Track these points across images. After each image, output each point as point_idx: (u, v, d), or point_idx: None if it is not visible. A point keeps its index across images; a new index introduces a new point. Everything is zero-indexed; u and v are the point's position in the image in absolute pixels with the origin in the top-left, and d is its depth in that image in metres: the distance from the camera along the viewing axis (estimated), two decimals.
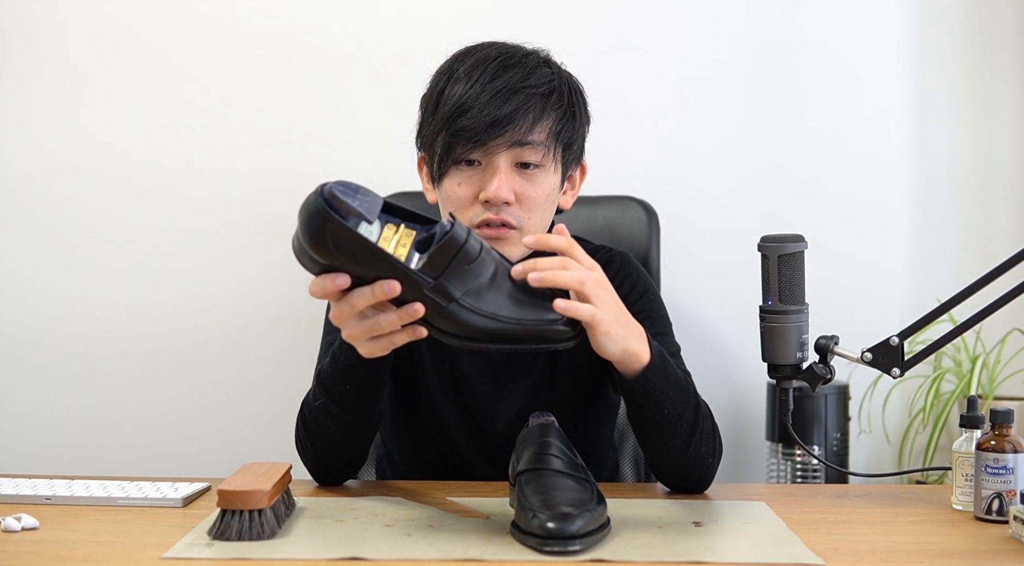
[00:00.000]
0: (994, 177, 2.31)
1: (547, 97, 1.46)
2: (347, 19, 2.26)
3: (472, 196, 1.46)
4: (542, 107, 1.45)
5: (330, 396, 1.39)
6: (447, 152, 1.46)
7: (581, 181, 1.60)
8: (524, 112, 1.43)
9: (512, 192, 1.45)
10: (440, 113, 1.46)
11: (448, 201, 1.49)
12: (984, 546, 1.21)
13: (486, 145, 1.43)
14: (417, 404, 1.59)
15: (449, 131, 1.44)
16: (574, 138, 1.51)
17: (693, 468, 1.41)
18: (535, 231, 1.48)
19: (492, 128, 1.42)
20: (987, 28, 2.30)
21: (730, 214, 2.28)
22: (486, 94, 1.43)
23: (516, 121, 1.43)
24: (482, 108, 1.42)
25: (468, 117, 1.43)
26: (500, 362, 1.58)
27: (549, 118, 1.46)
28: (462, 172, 1.47)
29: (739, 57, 2.28)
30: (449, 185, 1.48)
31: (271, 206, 2.26)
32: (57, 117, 2.26)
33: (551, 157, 1.47)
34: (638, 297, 1.58)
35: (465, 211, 1.47)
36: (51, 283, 2.27)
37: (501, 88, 1.43)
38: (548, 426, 1.30)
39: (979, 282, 1.36)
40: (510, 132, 1.43)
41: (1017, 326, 2.19)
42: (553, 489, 1.20)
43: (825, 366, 1.41)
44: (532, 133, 1.44)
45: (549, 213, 1.52)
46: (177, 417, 2.27)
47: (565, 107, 1.48)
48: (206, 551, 1.15)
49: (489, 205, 1.45)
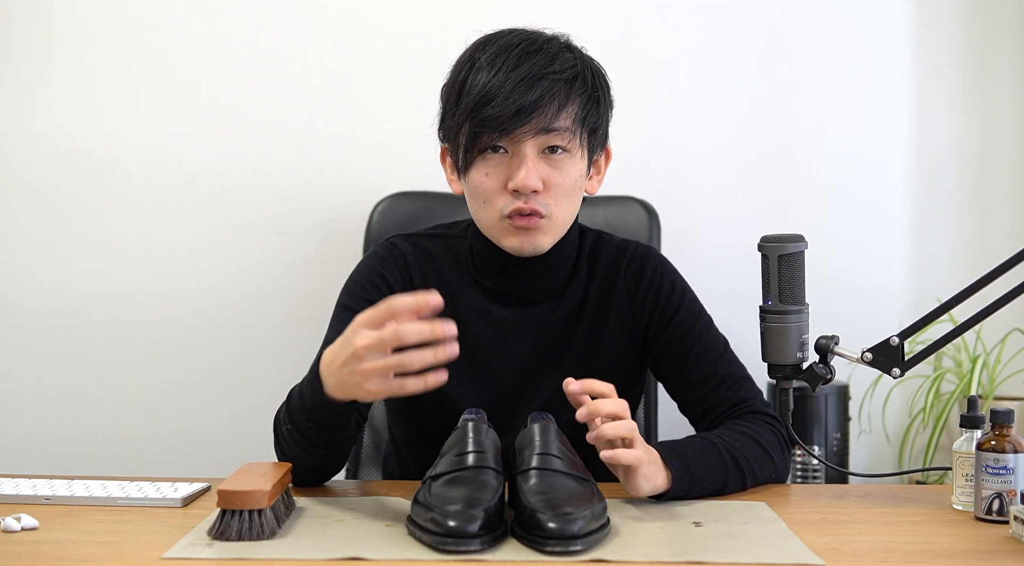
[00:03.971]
0: (994, 177, 2.31)
1: (571, 82, 1.46)
2: (348, 18, 2.26)
3: (500, 186, 1.46)
4: (567, 93, 1.45)
5: (294, 425, 1.36)
6: (473, 142, 1.45)
7: (606, 166, 1.59)
8: (549, 99, 1.43)
9: (540, 180, 1.45)
10: (464, 103, 1.45)
11: (476, 192, 1.48)
12: (984, 546, 1.21)
13: (512, 133, 1.43)
14: (431, 399, 1.57)
15: (474, 121, 1.44)
16: (599, 123, 1.51)
17: (759, 488, 1.46)
18: (563, 218, 1.49)
19: (518, 116, 1.42)
20: (987, 29, 2.30)
21: (730, 214, 2.28)
22: (510, 82, 1.42)
23: (542, 108, 1.43)
24: (507, 96, 1.42)
25: (493, 106, 1.42)
26: (528, 356, 1.56)
27: (574, 104, 1.46)
28: (488, 161, 1.46)
29: (739, 57, 2.28)
30: (476, 176, 1.48)
31: (272, 206, 2.27)
32: (58, 110, 2.26)
33: (577, 142, 1.47)
34: (679, 300, 1.58)
35: (494, 201, 1.47)
36: (51, 282, 2.27)
37: (525, 75, 1.43)
38: (548, 426, 1.30)
39: (979, 282, 1.36)
40: (536, 119, 1.43)
41: (1017, 326, 2.19)
42: (554, 489, 1.20)
43: (825, 366, 1.41)
44: (558, 119, 1.44)
45: (576, 200, 1.52)
46: (177, 417, 2.27)
47: (589, 92, 1.48)
48: (206, 551, 1.15)
49: (518, 194, 1.45)
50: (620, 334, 1.58)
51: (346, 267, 1.65)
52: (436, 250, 1.60)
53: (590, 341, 1.57)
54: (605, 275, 1.59)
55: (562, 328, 1.57)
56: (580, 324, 1.57)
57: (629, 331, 1.58)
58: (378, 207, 2.02)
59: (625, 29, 2.27)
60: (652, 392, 1.89)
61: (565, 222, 1.51)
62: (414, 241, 1.61)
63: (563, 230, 1.52)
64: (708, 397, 1.54)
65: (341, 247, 2.22)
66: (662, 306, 1.57)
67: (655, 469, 1.33)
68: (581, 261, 1.59)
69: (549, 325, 1.56)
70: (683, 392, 1.57)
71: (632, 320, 1.58)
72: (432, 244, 1.61)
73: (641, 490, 1.32)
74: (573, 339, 1.57)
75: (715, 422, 1.53)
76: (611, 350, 1.57)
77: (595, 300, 1.58)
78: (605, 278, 1.59)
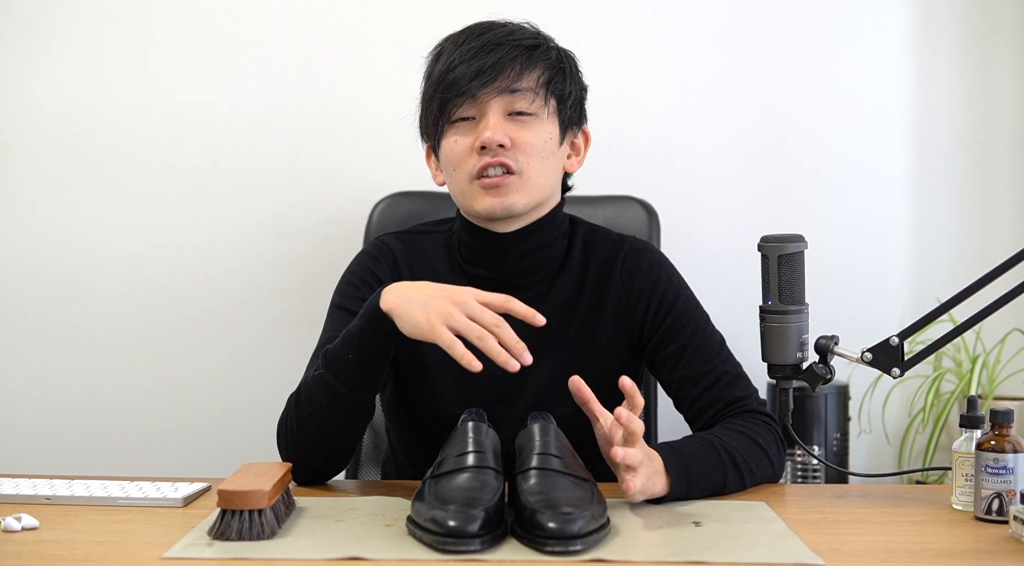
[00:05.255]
0: (994, 177, 2.31)
1: (532, 49, 1.51)
2: (348, 17, 2.26)
3: (469, 147, 1.49)
4: (528, 57, 1.50)
5: (330, 368, 1.38)
6: (441, 112, 1.50)
7: (586, 148, 1.61)
8: (510, 61, 1.48)
9: (507, 136, 1.48)
10: (432, 79, 1.52)
11: (448, 160, 1.52)
12: (984, 546, 1.21)
13: (476, 96, 1.48)
14: (421, 399, 1.58)
15: (439, 90, 1.49)
16: (566, 91, 1.54)
17: (759, 487, 1.46)
18: (536, 178, 1.51)
19: (479, 77, 1.47)
20: (987, 29, 2.30)
21: (730, 214, 2.28)
22: (471, 51, 1.48)
23: (503, 70, 1.48)
24: (468, 63, 1.47)
25: (455, 72, 1.48)
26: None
27: (536, 67, 1.50)
28: (457, 129, 1.51)
29: (739, 57, 2.28)
30: (447, 144, 1.51)
31: (272, 206, 2.26)
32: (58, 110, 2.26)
33: (543, 105, 1.51)
34: (676, 295, 1.59)
35: (464, 163, 1.50)
36: (51, 282, 2.27)
37: (485, 43, 1.49)
38: (548, 426, 1.30)
39: (979, 282, 1.36)
40: (499, 80, 1.48)
41: (1017, 326, 2.19)
42: (554, 489, 1.20)
43: (825, 366, 1.41)
44: (520, 81, 1.49)
45: (551, 163, 1.53)
46: (177, 417, 2.27)
47: (553, 61, 1.53)
48: (206, 551, 1.15)
49: (485, 151, 1.47)
50: (616, 328, 1.58)
51: (345, 267, 1.65)
52: (425, 245, 1.61)
53: (585, 334, 1.57)
54: (601, 268, 1.59)
55: (555, 319, 1.55)
56: (575, 316, 1.57)
57: (625, 325, 1.58)
58: (378, 207, 2.03)
59: (624, 28, 2.27)
60: (652, 392, 1.89)
61: (539, 183, 1.52)
62: (403, 238, 1.63)
63: (538, 192, 1.52)
64: (704, 395, 1.54)
65: (341, 247, 2.22)
66: (658, 301, 1.57)
67: (655, 478, 1.33)
68: (573, 251, 1.60)
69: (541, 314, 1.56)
70: (678, 389, 1.57)
71: (628, 314, 1.58)
72: (421, 239, 1.62)
73: (637, 498, 1.32)
74: (567, 331, 1.57)
75: (711, 420, 1.53)
76: (607, 344, 1.57)
77: (590, 292, 1.58)
78: (601, 271, 1.59)
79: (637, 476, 1.28)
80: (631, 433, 1.27)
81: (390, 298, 1.34)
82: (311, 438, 1.42)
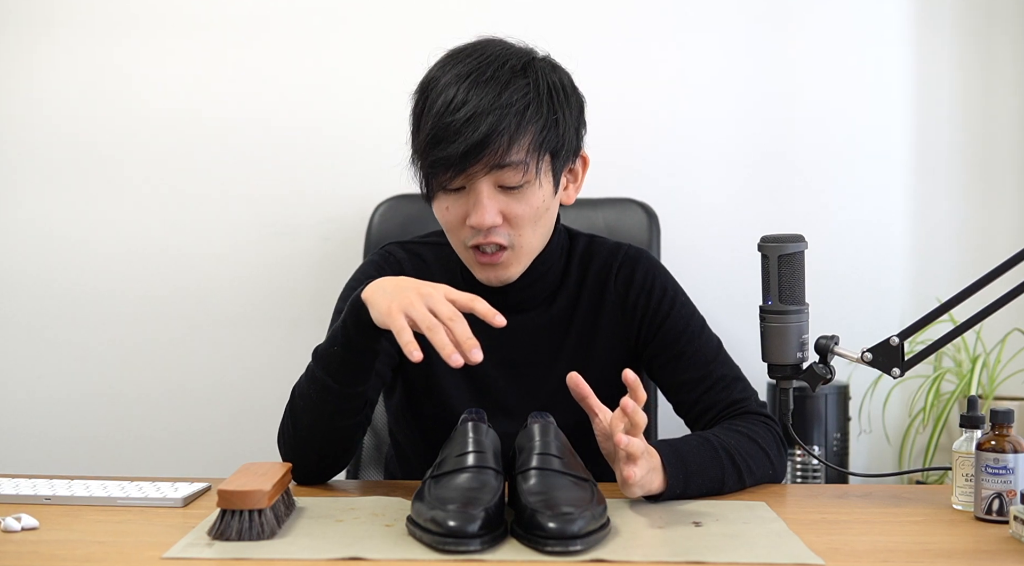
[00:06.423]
0: (994, 178, 2.32)
1: (523, 113, 1.42)
2: (351, 18, 2.26)
3: (460, 220, 1.47)
4: (518, 124, 1.41)
5: (319, 361, 1.39)
6: (428, 181, 1.47)
7: (583, 173, 1.57)
8: (498, 134, 1.40)
9: (498, 214, 1.45)
10: (419, 140, 1.46)
11: (442, 222, 1.51)
12: (984, 546, 1.21)
13: (466, 171, 1.42)
14: (429, 397, 1.58)
15: (427, 162, 1.44)
16: (561, 142, 1.47)
17: (759, 487, 1.46)
18: (530, 244, 1.49)
19: (467, 156, 1.41)
20: (987, 30, 2.30)
21: (730, 216, 2.28)
22: (458, 121, 1.40)
23: (491, 145, 1.40)
24: (454, 137, 1.40)
25: (441, 148, 1.41)
26: (521, 362, 1.57)
27: (527, 133, 1.42)
28: (448, 196, 1.47)
29: (738, 59, 2.29)
30: (438, 209, 1.50)
31: (274, 207, 2.27)
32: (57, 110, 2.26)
33: (534, 171, 1.45)
34: (671, 302, 1.58)
35: (456, 233, 1.49)
36: (51, 283, 2.27)
37: (473, 113, 1.40)
38: (548, 426, 1.30)
39: (979, 282, 1.36)
40: (487, 157, 1.41)
41: (1017, 326, 2.19)
42: (553, 489, 1.20)
43: (825, 366, 1.41)
44: (510, 154, 1.42)
45: (544, 223, 1.50)
46: (177, 417, 2.27)
47: (546, 116, 1.44)
48: (206, 551, 1.15)
49: (476, 230, 1.46)
50: (613, 337, 1.58)
51: (346, 268, 1.65)
52: (429, 257, 1.61)
53: (583, 344, 1.58)
54: (596, 278, 1.59)
55: (554, 332, 1.58)
56: (572, 327, 1.58)
57: (622, 334, 1.59)
58: (379, 209, 2.03)
59: (624, 32, 2.27)
60: (652, 396, 1.89)
61: (533, 248, 1.51)
62: (409, 248, 1.63)
63: (532, 256, 1.52)
64: (702, 399, 1.54)
65: (342, 248, 2.22)
66: (653, 309, 1.58)
67: (653, 474, 1.33)
68: (571, 266, 1.60)
69: (540, 330, 1.57)
70: (677, 394, 1.57)
71: (624, 323, 1.58)
72: (426, 251, 1.62)
73: (634, 492, 1.32)
74: (565, 342, 1.58)
75: (710, 424, 1.53)
76: (605, 353, 1.57)
77: (586, 303, 1.59)
78: (596, 281, 1.59)
79: (638, 466, 1.28)
80: (634, 425, 1.27)
81: (369, 288, 1.34)
82: (304, 433, 1.42)
